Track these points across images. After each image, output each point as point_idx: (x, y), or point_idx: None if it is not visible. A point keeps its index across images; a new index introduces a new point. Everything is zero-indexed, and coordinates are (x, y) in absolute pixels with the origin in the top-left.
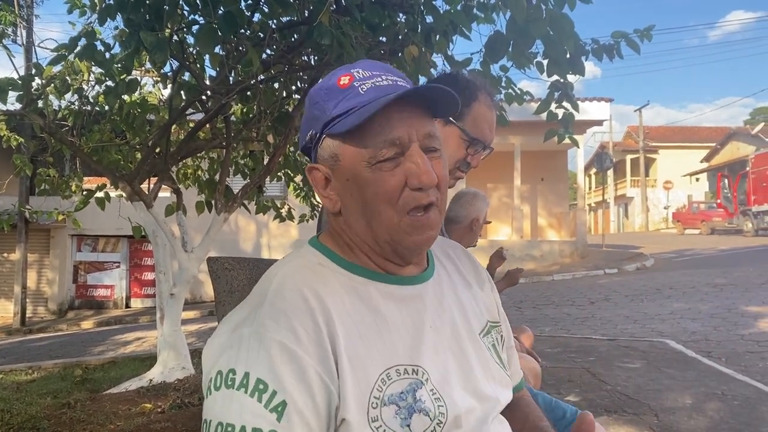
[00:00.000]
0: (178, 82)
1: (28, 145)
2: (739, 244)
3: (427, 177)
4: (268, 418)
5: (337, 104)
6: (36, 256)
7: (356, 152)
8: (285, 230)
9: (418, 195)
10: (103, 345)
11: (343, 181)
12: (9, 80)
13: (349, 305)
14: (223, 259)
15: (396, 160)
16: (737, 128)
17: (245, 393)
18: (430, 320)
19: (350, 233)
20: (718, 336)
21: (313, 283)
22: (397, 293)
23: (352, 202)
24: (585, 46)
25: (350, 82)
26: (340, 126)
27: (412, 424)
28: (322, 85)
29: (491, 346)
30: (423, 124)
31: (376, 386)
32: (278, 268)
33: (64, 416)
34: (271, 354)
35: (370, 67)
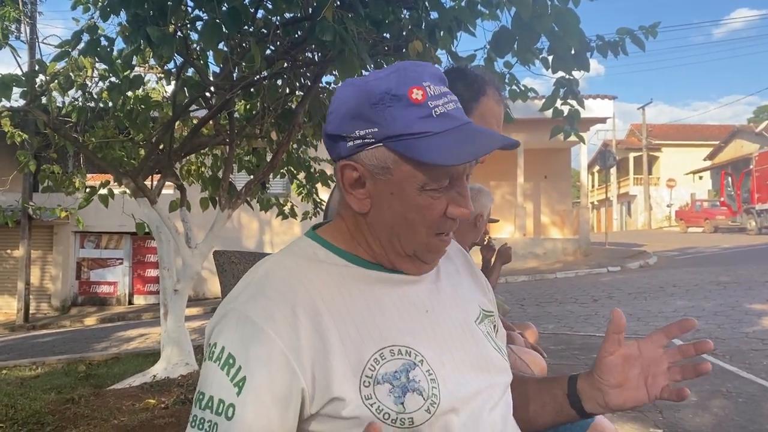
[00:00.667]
0: (181, 78)
1: (32, 142)
2: (743, 242)
3: (466, 212)
4: (231, 391)
5: (406, 119)
6: (39, 252)
7: (412, 174)
8: (287, 227)
9: (450, 222)
10: (106, 341)
11: (387, 193)
12: (13, 77)
13: (341, 290)
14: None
15: (444, 189)
16: (741, 126)
17: (218, 366)
18: (426, 305)
19: (366, 233)
20: (722, 334)
21: (301, 270)
22: (394, 278)
23: (389, 214)
24: (590, 43)
25: (423, 99)
26: (408, 149)
27: (406, 402)
28: (388, 88)
29: (486, 333)
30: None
31: (368, 365)
32: (271, 256)
33: (68, 411)
34: (244, 331)
35: (434, 80)
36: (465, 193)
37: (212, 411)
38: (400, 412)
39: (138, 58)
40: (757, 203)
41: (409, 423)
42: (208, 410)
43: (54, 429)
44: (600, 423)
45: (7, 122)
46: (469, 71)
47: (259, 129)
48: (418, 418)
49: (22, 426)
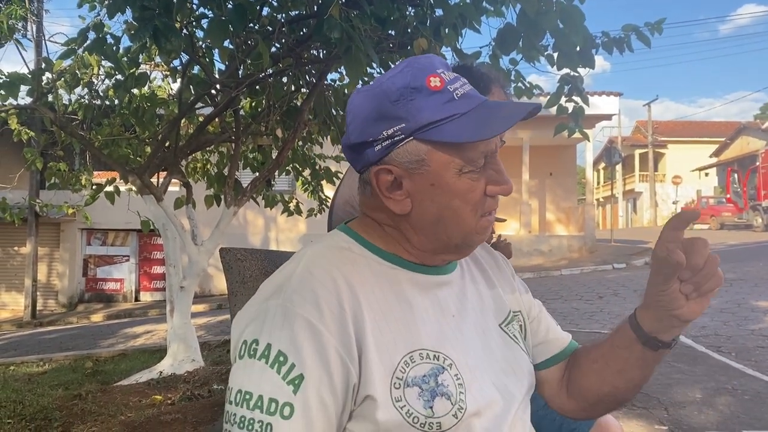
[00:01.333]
0: (187, 75)
1: (39, 139)
2: (749, 239)
3: (509, 186)
4: (285, 390)
5: (434, 108)
6: (46, 249)
7: (449, 159)
8: (293, 224)
9: (492, 201)
10: (113, 338)
11: (427, 185)
12: (20, 75)
13: (376, 288)
14: (236, 250)
15: (481, 168)
16: (747, 123)
17: (266, 363)
18: (453, 309)
19: (408, 233)
20: (728, 331)
21: (341, 264)
22: (422, 281)
23: (432, 206)
24: (595, 39)
25: (443, 85)
26: (439, 135)
27: (435, 406)
28: (406, 83)
29: (515, 335)
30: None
31: (399, 367)
32: (308, 248)
33: (76, 407)
34: (294, 328)
35: (444, 66)
36: (501, 168)
37: (263, 411)
38: (428, 416)
39: (144, 56)
40: (763, 200)
41: (437, 427)
42: (258, 410)
43: (61, 425)
44: (605, 421)
45: (14, 120)
46: (474, 69)
47: (265, 126)
48: (445, 423)
49: (29, 422)
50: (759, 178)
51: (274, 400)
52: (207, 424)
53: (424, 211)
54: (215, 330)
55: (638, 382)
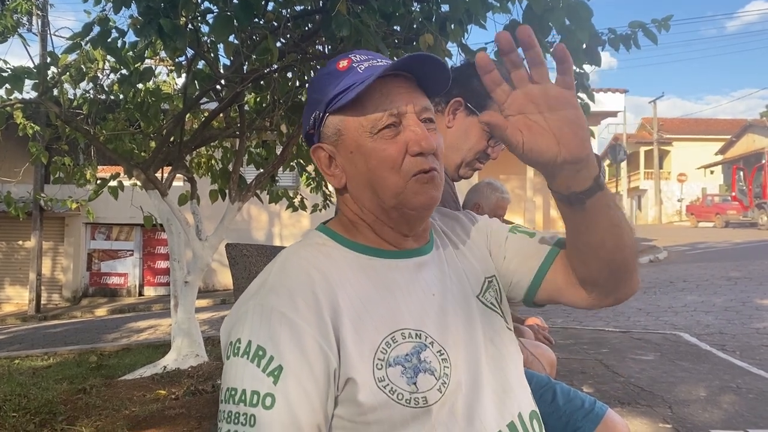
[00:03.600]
0: (192, 71)
1: (44, 134)
2: (754, 237)
3: (426, 143)
4: (266, 382)
5: (338, 84)
6: (51, 243)
7: (358, 123)
8: (297, 220)
9: (420, 160)
10: (117, 332)
11: (347, 153)
12: (25, 69)
13: (351, 277)
14: (242, 245)
15: (396, 129)
16: (753, 120)
17: (247, 359)
18: (432, 287)
19: (355, 208)
20: (732, 329)
21: (316, 259)
22: (402, 265)
23: (357, 172)
24: (601, 36)
25: (349, 64)
26: (341, 101)
27: (418, 382)
28: (322, 72)
29: (492, 302)
30: (419, 98)
31: (380, 348)
32: (285, 249)
33: (80, 401)
34: (271, 323)
35: (365, 54)
36: (417, 129)
37: (246, 404)
38: (413, 392)
39: (149, 51)
40: None
41: (423, 402)
42: (242, 404)
43: (66, 419)
44: (611, 419)
45: (19, 114)
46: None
47: (269, 122)
48: (431, 397)
49: (34, 415)
50: (764, 176)
51: (256, 392)
52: (211, 419)
53: (355, 180)
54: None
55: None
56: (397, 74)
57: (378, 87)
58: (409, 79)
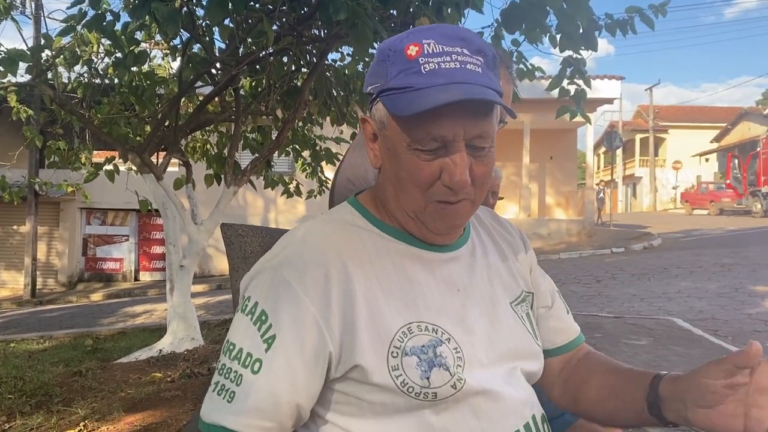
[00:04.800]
0: (187, 54)
1: (38, 117)
2: (748, 224)
3: (459, 179)
4: (260, 347)
5: (398, 74)
6: (46, 228)
7: (398, 131)
8: (292, 206)
9: (448, 191)
10: (112, 316)
11: (386, 149)
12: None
13: (375, 261)
14: (237, 225)
15: (436, 153)
16: (749, 108)
17: (251, 320)
18: (458, 283)
19: (384, 191)
20: (725, 315)
21: (339, 239)
22: (426, 257)
23: (390, 169)
24: (598, 21)
25: (417, 55)
26: (391, 102)
27: (432, 377)
28: (393, 45)
29: (525, 315)
30: (475, 124)
31: (397, 337)
32: (312, 219)
33: (76, 384)
34: (279, 291)
35: (443, 40)
36: (459, 161)
37: (239, 363)
38: (424, 386)
39: (144, 34)
40: (763, 186)
41: (433, 397)
42: (236, 361)
43: (62, 401)
44: None
45: (13, 97)
46: None
47: (265, 106)
48: (442, 393)
49: (30, 397)
50: (759, 164)
51: (250, 354)
52: None
53: (386, 172)
54: (215, 310)
55: (632, 423)
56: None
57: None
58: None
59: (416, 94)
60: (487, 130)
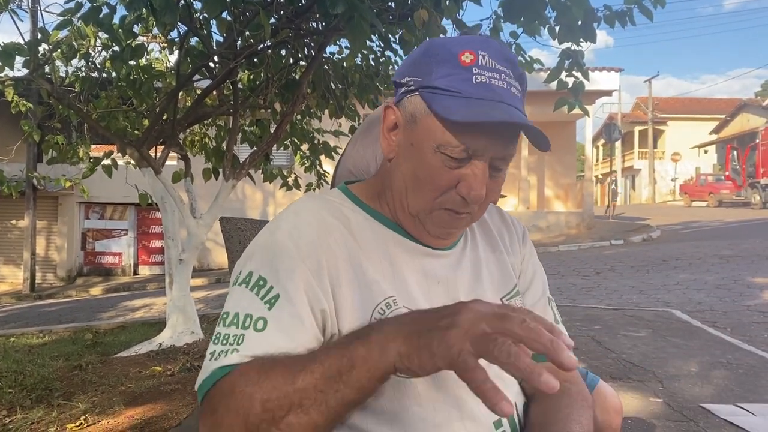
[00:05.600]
0: (185, 47)
1: (36, 111)
2: (747, 216)
3: (476, 194)
4: (261, 308)
5: (447, 76)
6: (44, 223)
7: (434, 131)
8: (291, 199)
9: (460, 201)
10: (112, 311)
11: (408, 143)
12: (15, 45)
13: (358, 235)
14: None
15: (461, 162)
16: (748, 100)
17: (245, 287)
18: (439, 276)
19: (388, 183)
20: (723, 306)
21: (327, 212)
22: (409, 246)
23: (405, 166)
24: (597, 13)
25: (470, 64)
26: (434, 101)
27: None
28: (446, 44)
29: None
30: (505, 147)
31: (378, 308)
32: (301, 197)
33: (76, 378)
34: (273, 255)
35: (496, 56)
36: (480, 176)
37: (238, 326)
38: None
39: (141, 27)
40: (762, 177)
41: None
42: (233, 326)
43: (62, 395)
44: (602, 389)
45: (10, 92)
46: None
47: (263, 99)
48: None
49: (30, 391)
50: (758, 156)
51: (249, 315)
52: None
53: (399, 166)
54: (214, 303)
55: None
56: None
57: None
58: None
59: (465, 102)
60: (512, 154)
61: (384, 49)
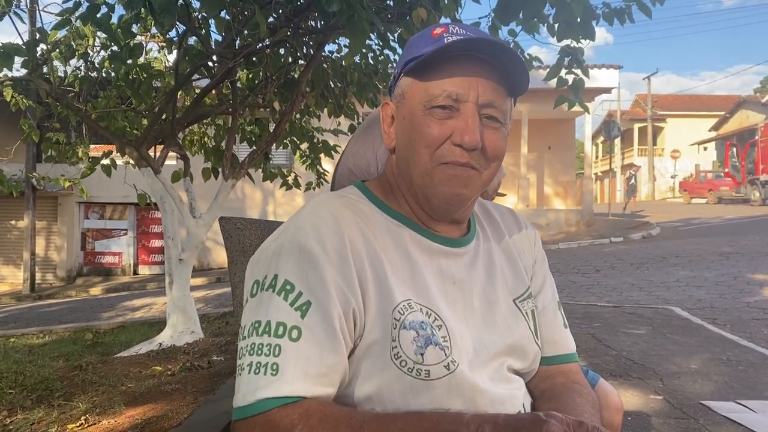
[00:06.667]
0: (183, 47)
1: (35, 111)
2: (746, 213)
3: (470, 137)
4: (293, 315)
5: (422, 48)
6: (44, 223)
7: (418, 93)
8: (291, 198)
9: (458, 151)
10: (112, 310)
11: (401, 119)
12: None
13: (378, 235)
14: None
15: (450, 112)
16: (747, 97)
17: (273, 292)
18: (455, 276)
19: (396, 173)
20: (723, 303)
21: (347, 210)
22: (427, 245)
23: (403, 139)
24: (596, 10)
25: (442, 33)
26: (411, 64)
27: (426, 354)
28: (419, 34)
29: (530, 311)
30: (490, 91)
31: (398, 309)
32: (317, 197)
33: (77, 378)
34: (299, 259)
35: (471, 30)
36: (468, 120)
37: (271, 334)
38: (417, 362)
39: (139, 27)
40: (761, 174)
41: (425, 375)
42: (266, 335)
43: (63, 395)
44: (603, 387)
45: (9, 92)
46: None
47: (262, 98)
48: (435, 372)
49: (31, 392)
50: (757, 153)
51: (282, 323)
52: (207, 394)
53: (399, 146)
54: (214, 303)
55: None
56: (483, 60)
57: (452, 65)
58: (493, 68)
59: (425, 49)
60: (500, 102)
61: (383, 48)
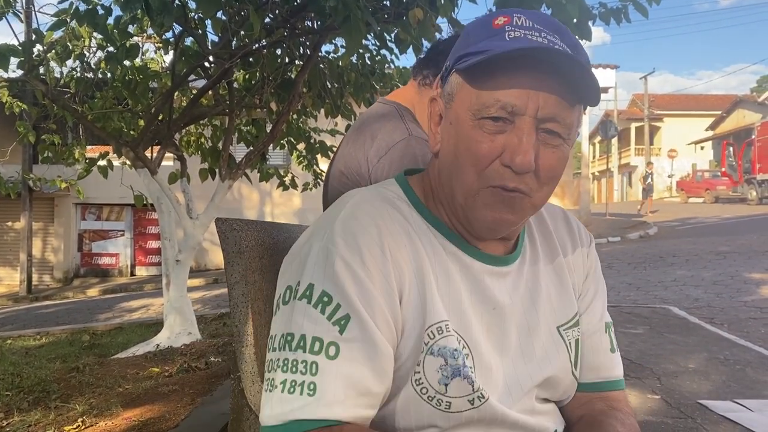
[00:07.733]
0: (180, 47)
1: (31, 112)
2: (743, 212)
3: (521, 159)
4: (331, 330)
5: (480, 42)
6: (41, 224)
7: (469, 98)
8: (288, 198)
9: (507, 173)
10: (109, 312)
11: (448, 123)
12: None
13: (420, 249)
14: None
15: (502, 125)
16: (743, 96)
17: (308, 303)
18: (495, 301)
19: (436, 180)
20: (720, 303)
21: (387, 213)
22: (467, 262)
23: (448, 148)
24: (592, 10)
25: (503, 24)
26: (466, 63)
27: (451, 385)
28: (479, 20)
29: (573, 341)
30: (551, 102)
31: (429, 331)
32: (354, 193)
33: (74, 380)
34: (336, 270)
35: (535, 19)
36: (523, 138)
37: (306, 350)
38: (440, 392)
39: (136, 27)
40: (758, 173)
41: (446, 407)
42: (301, 350)
43: (60, 397)
44: None
45: (5, 93)
46: None
47: (259, 99)
48: (457, 405)
49: (28, 394)
50: (754, 152)
51: (318, 338)
52: (204, 395)
53: (443, 153)
54: (212, 304)
55: None
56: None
57: (511, 70)
58: (558, 75)
59: (478, 56)
60: (565, 115)
61: (379, 48)
